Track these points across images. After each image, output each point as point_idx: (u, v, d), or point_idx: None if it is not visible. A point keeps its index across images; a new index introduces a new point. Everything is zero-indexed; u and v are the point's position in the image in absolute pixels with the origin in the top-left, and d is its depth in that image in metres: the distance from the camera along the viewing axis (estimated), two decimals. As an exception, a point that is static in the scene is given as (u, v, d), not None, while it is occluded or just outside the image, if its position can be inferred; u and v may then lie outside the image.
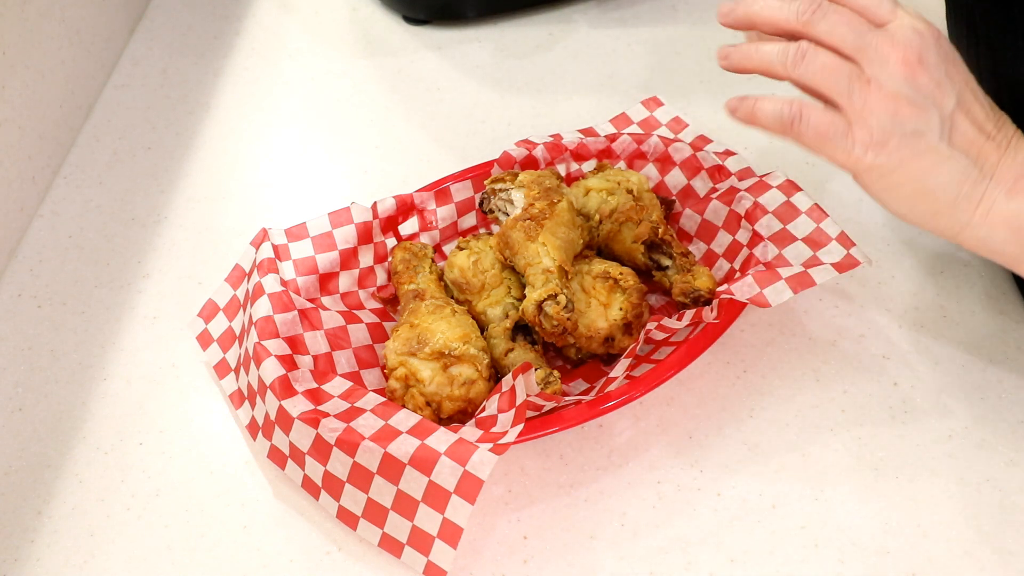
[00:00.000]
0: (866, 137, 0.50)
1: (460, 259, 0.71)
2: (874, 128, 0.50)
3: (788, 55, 0.50)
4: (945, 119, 0.50)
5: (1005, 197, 0.51)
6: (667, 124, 0.84)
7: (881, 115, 0.49)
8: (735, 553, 0.59)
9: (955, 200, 0.51)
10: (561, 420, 0.61)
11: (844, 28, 0.49)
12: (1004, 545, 0.59)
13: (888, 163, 0.50)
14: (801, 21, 0.49)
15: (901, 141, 0.50)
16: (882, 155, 0.50)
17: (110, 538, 0.62)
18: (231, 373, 0.68)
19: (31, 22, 0.83)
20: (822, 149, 0.52)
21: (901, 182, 0.51)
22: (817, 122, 0.51)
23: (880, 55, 0.49)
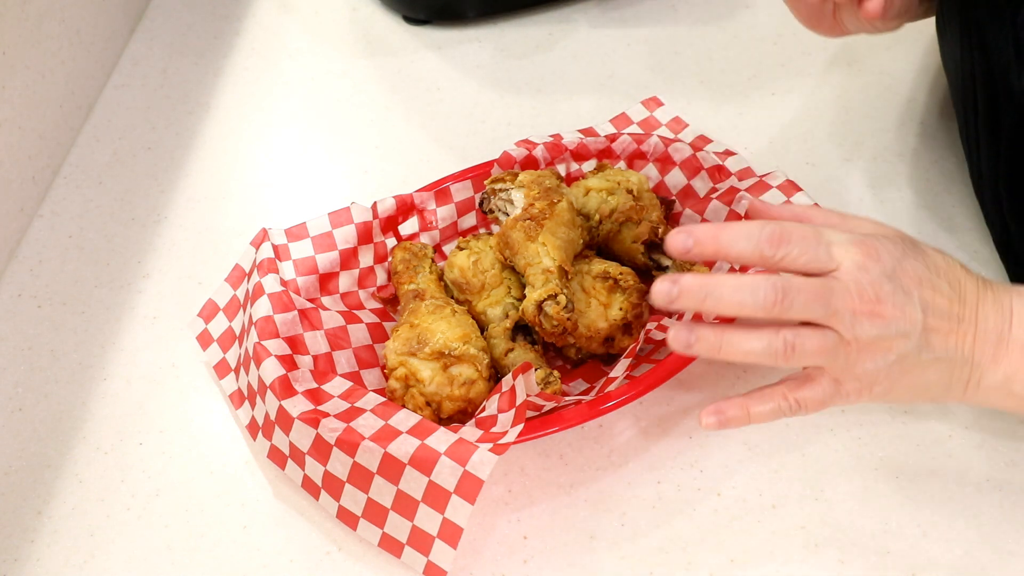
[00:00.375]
0: (856, 386, 0.54)
1: (460, 259, 0.71)
2: (861, 375, 0.54)
3: (777, 353, 0.53)
4: (920, 334, 0.53)
5: (990, 369, 0.55)
6: (667, 124, 0.84)
7: (865, 363, 0.53)
8: (735, 553, 0.59)
9: (949, 385, 0.55)
10: (561, 420, 0.61)
11: (812, 306, 0.52)
12: (1004, 545, 0.59)
13: (882, 391, 0.55)
14: (773, 314, 0.52)
15: (888, 372, 0.54)
16: (875, 390, 0.55)
17: (110, 538, 0.62)
18: (231, 373, 0.68)
19: (31, 22, 0.83)
20: (822, 410, 0.56)
21: (898, 394, 0.56)
22: (813, 399, 0.55)
23: (848, 314, 0.52)
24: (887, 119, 0.86)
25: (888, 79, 0.89)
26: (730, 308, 0.52)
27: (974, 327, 0.55)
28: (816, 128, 0.86)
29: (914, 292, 0.53)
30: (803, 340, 0.53)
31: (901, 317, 0.53)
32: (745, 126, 0.87)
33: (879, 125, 0.86)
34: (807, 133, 0.86)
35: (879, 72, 0.90)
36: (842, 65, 0.92)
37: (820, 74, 0.91)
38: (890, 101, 0.87)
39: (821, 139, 0.85)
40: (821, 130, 0.86)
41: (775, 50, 0.95)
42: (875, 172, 0.81)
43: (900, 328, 0.53)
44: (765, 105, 0.89)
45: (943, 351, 0.54)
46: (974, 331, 0.54)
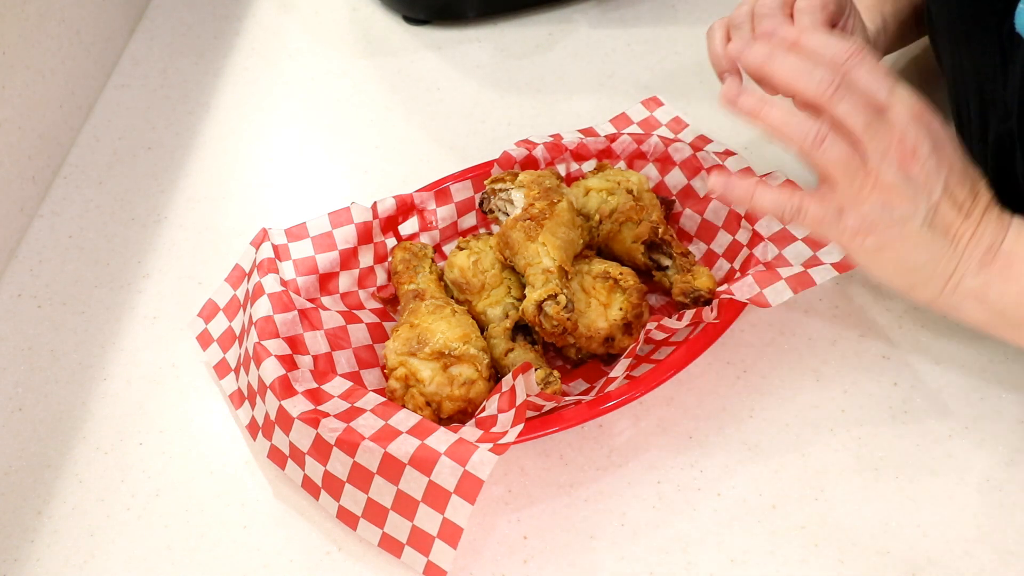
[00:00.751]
0: (856, 223, 0.55)
1: (460, 259, 0.71)
2: (864, 215, 0.55)
3: (808, 136, 0.55)
4: (931, 207, 0.55)
5: (974, 271, 0.56)
6: (667, 124, 0.84)
7: (873, 204, 0.54)
8: (735, 553, 0.59)
9: (931, 275, 0.56)
10: (561, 420, 0.61)
11: (858, 114, 0.54)
12: (1004, 545, 0.59)
13: (874, 245, 0.56)
14: (822, 98, 0.54)
15: (888, 227, 0.55)
16: (868, 239, 0.55)
17: (110, 538, 0.62)
18: (231, 373, 0.68)
19: (31, 22, 0.83)
20: (816, 231, 0.57)
21: (884, 260, 0.57)
22: (814, 213, 0.56)
23: (882, 145, 0.54)
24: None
25: (888, 79, 0.89)
26: (786, 74, 0.55)
27: (974, 228, 0.56)
28: (816, 128, 0.86)
29: (944, 171, 0.55)
30: (834, 140, 0.54)
31: (923, 181, 0.54)
32: (745, 126, 0.87)
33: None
34: (807, 133, 0.86)
35: (879, 72, 0.90)
36: (842, 65, 0.92)
37: (820, 74, 0.91)
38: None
39: (821, 139, 0.85)
40: (821, 130, 0.86)
41: (775, 50, 0.95)
42: (875, 172, 0.81)
43: (917, 189, 0.54)
44: (765, 105, 0.89)
45: (942, 235, 0.55)
46: (972, 232, 0.56)
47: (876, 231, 0.55)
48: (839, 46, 0.55)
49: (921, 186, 0.54)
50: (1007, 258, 0.56)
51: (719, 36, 0.69)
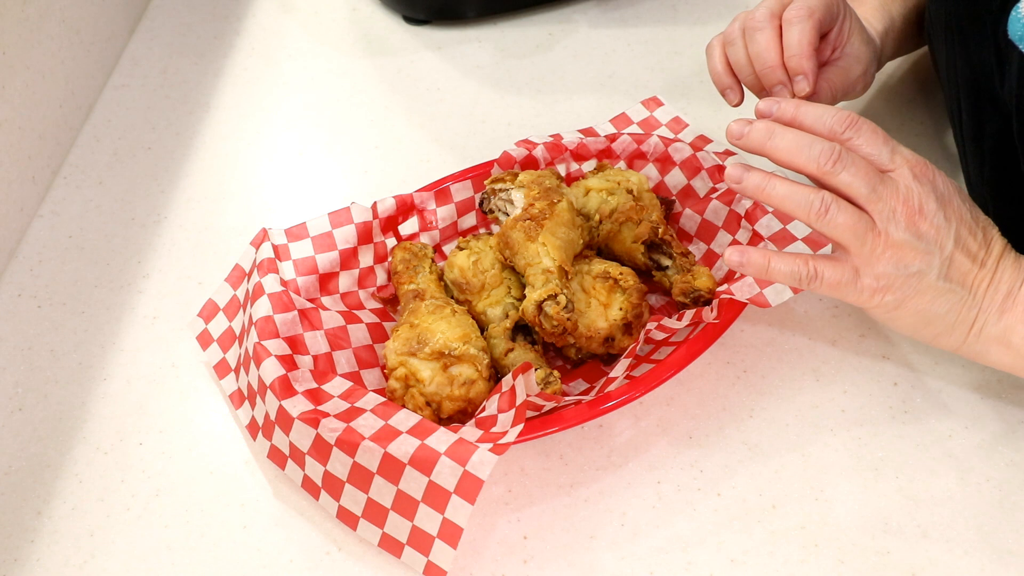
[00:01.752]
0: (872, 283, 0.56)
1: (460, 259, 0.71)
2: (880, 274, 0.56)
3: (812, 208, 0.56)
4: (944, 260, 0.56)
5: (995, 318, 0.57)
6: (667, 124, 0.84)
7: (887, 263, 0.56)
8: (735, 553, 0.59)
9: (953, 325, 0.58)
10: (561, 420, 0.61)
11: (860, 181, 0.55)
12: (1004, 545, 0.59)
13: (892, 302, 0.57)
14: (822, 171, 0.56)
15: (904, 283, 0.56)
16: (887, 296, 0.57)
17: (110, 538, 0.62)
18: (231, 373, 0.68)
19: (31, 22, 0.83)
20: (834, 294, 0.58)
21: (905, 315, 0.58)
22: (830, 277, 0.57)
23: (888, 207, 0.55)
24: (886, 119, 0.86)
25: (888, 79, 0.89)
26: (785, 153, 0.56)
27: (991, 276, 0.57)
28: (816, 128, 0.86)
29: (953, 223, 0.56)
30: (839, 207, 0.55)
31: (934, 236, 0.55)
32: (745, 126, 0.87)
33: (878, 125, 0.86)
34: (807, 133, 0.86)
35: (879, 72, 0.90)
36: (842, 65, 0.92)
37: (820, 74, 0.91)
38: (890, 101, 0.87)
39: (821, 139, 0.85)
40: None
41: (775, 50, 0.95)
42: (875, 172, 0.81)
43: (929, 245, 0.55)
44: (765, 105, 0.89)
45: (959, 285, 0.57)
46: (990, 279, 0.57)
47: (893, 288, 0.56)
48: (836, 117, 0.57)
49: (932, 240, 0.56)
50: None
51: (717, 54, 0.71)
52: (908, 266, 0.56)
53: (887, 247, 0.55)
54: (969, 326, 0.58)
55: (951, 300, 0.57)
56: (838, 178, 0.55)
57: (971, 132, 0.69)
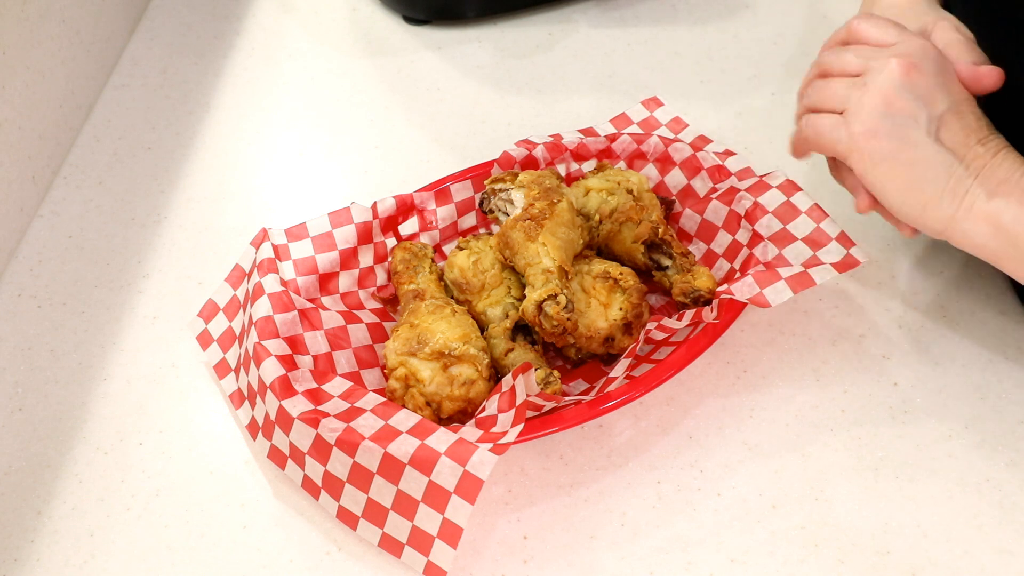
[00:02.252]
0: (858, 127, 0.58)
1: (460, 259, 0.71)
2: (866, 119, 0.57)
3: (804, 91, 0.61)
4: (934, 118, 0.57)
5: (986, 196, 0.56)
6: (667, 124, 0.84)
7: (873, 109, 0.57)
8: (735, 553, 0.59)
9: (941, 193, 0.57)
10: (561, 420, 0.61)
11: (851, 56, 0.59)
12: (1004, 545, 0.59)
13: (879, 150, 0.57)
14: (824, 66, 0.60)
15: (891, 130, 0.57)
16: (872, 141, 0.57)
17: (110, 538, 0.62)
18: (231, 373, 0.68)
19: (31, 22, 0.83)
20: (822, 143, 0.60)
21: (892, 171, 0.58)
22: (818, 121, 0.60)
23: (881, 64, 0.57)
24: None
25: (888, 79, 0.89)
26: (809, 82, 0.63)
27: (989, 155, 0.57)
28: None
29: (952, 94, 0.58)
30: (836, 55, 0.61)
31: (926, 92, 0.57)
32: (745, 126, 0.87)
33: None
34: (807, 133, 0.86)
35: (879, 72, 0.90)
36: (842, 65, 0.92)
37: (820, 74, 0.91)
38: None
39: (821, 139, 0.85)
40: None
41: (775, 50, 0.95)
42: (875, 172, 0.81)
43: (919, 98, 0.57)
44: (765, 105, 0.89)
45: (950, 147, 0.57)
46: (988, 159, 0.57)
47: (879, 134, 0.57)
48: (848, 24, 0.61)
49: (924, 96, 0.56)
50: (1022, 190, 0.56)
51: None
52: (895, 115, 0.56)
53: (874, 94, 0.57)
54: (960, 199, 0.57)
55: (941, 163, 0.57)
56: (832, 67, 0.59)
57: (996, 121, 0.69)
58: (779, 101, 0.89)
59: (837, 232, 0.67)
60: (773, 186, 0.71)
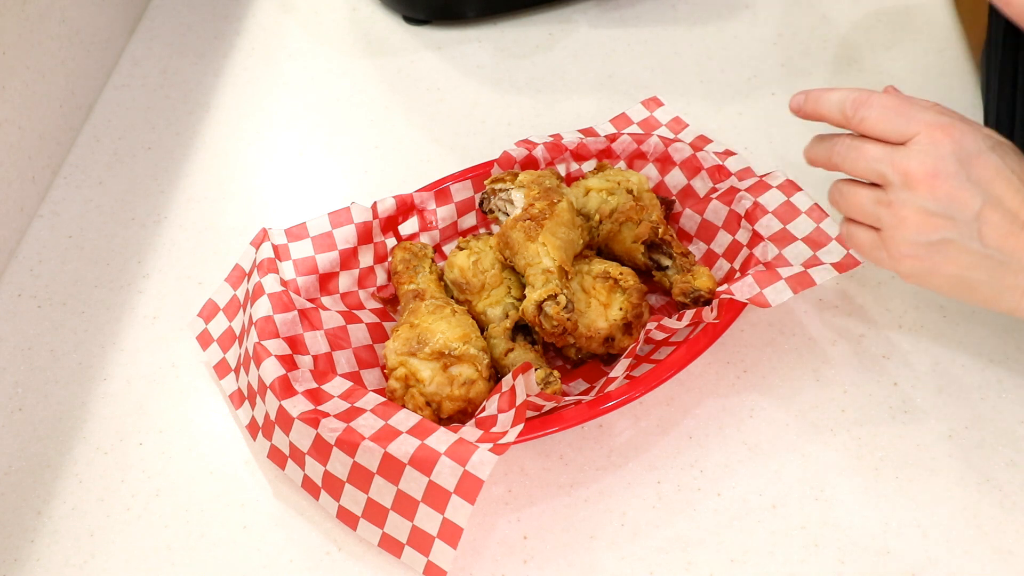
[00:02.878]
0: (895, 252, 0.56)
1: (460, 259, 0.71)
2: (900, 243, 0.55)
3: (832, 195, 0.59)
4: (971, 221, 0.54)
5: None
6: (667, 124, 0.84)
7: (905, 231, 0.55)
8: (735, 553, 0.59)
9: (1000, 292, 0.55)
10: (561, 420, 0.61)
11: (863, 163, 0.56)
12: (1004, 545, 0.59)
13: (922, 269, 0.56)
14: (836, 160, 0.58)
15: (929, 250, 0.55)
16: (915, 265, 0.56)
17: (110, 538, 0.62)
18: (231, 373, 0.68)
19: (31, 22, 0.83)
20: (867, 258, 0.59)
21: (941, 282, 0.56)
22: (859, 240, 0.58)
23: (899, 177, 0.54)
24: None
25: (888, 79, 0.89)
26: (820, 99, 0.59)
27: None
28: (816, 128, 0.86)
29: (982, 183, 0.54)
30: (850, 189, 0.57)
31: (954, 198, 0.53)
32: (745, 126, 0.87)
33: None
34: (807, 133, 0.86)
35: (879, 72, 0.90)
36: (842, 65, 0.92)
37: (820, 74, 0.91)
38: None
39: (821, 139, 0.85)
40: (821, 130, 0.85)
41: (775, 50, 0.95)
42: (875, 172, 0.81)
43: (948, 207, 0.53)
44: (765, 105, 0.89)
45: (995, 248, 0.54)
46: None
47: (919, 257, 0.55)
48: (846, 99, 0.57)
49: (951, 204, 0.53)
50: None
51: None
52: (929, 234, 0.54)
53: (902, 216, 0.54)
54: (1020, 291, 0.54)
55: (989, 266, 0.54)
56: (843, 167, 0.57)
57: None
58: (779, 101, 0.89)
59: (837, 232, 0.67)
60: (773, 186, 0.71)
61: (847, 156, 0.57)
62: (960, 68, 0.90)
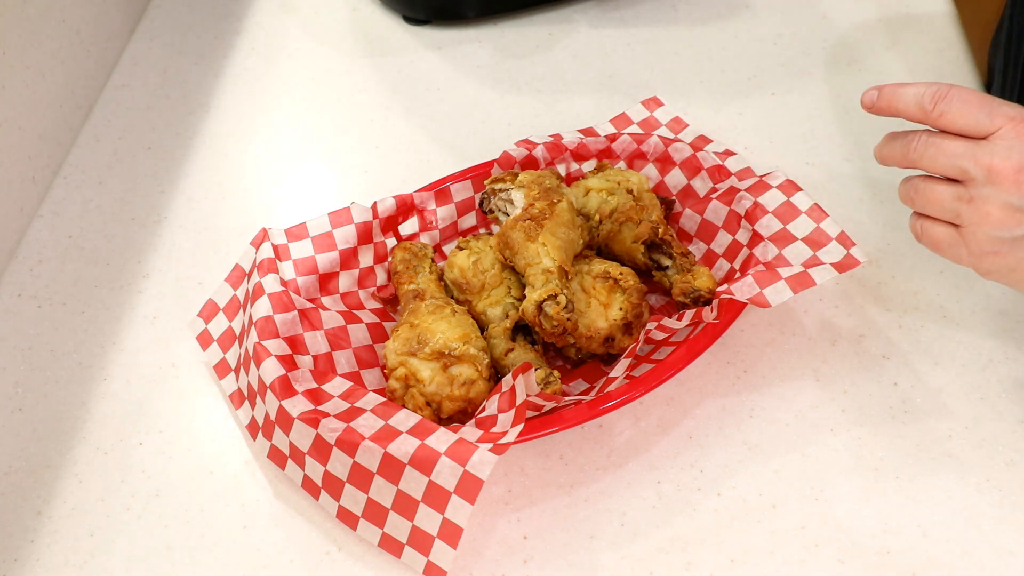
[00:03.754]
0: (976, 249, 0.55)
1: (460, 259, 0.71)
2: (982, 240, 0.55)
3: (906, 191, 0.58)
4: None
5: None
6: (667, 124, 0.84)
7: (988, 227, 0.54)
8: (735, 553, 0.59)
9: None
10: (561, 420, 0.61)
11: (943, 159, 0.55)
12: (1004, 545, 0.59)
13: (1004, 266, 0.55)
14: (913, 157, 0.56)
15: (1012, 246, 0.54)
16: (997, 261, 0.55)
17: (110, 538, 0.62)
18: (231, 373, 0.68)
19: (31, 22, 0.83)
20: (943, 255, 0.58)
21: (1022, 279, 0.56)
22: (935, 236, 0.57)
23: (982, 172, 0.54)
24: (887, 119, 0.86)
25: (888, 79, 0.89)
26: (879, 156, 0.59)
27: None
28: (816, 128, 0.86)
29: None
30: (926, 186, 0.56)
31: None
32: (745, 126, 0.87)
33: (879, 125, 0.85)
34: (807, 133, 0.86)
35: (879, 72, 0.90)
36: (842, 65, 0.92)
37: (820, 74, 0.91)
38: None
39: (821, 139, 0.85)
40: (821, 130, 0.86)
41: (775, 50, 0.95)
42: (875, 172, 0.81)
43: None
44: (765, 105, 0.89)
45: None
46: None
47: (1002, 253, 0.55)
48: (925, 93, 0.55)
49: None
50: None
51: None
52: (1015, 230, 0.53)
53: (984, 212, 0.54)
54: None
55: None
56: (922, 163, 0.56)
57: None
58: (779, 101, 0.89)
59: (837, 232, 0.67)
60: (773, 186, 0.71)
61: (925, 153, 0.56)
62: (960, 68, 0.90)
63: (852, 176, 0.81)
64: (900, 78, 0.89)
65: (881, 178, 0.81)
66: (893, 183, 0.80)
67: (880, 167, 0.81)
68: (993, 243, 0.55)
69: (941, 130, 0.56)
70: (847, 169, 0.82)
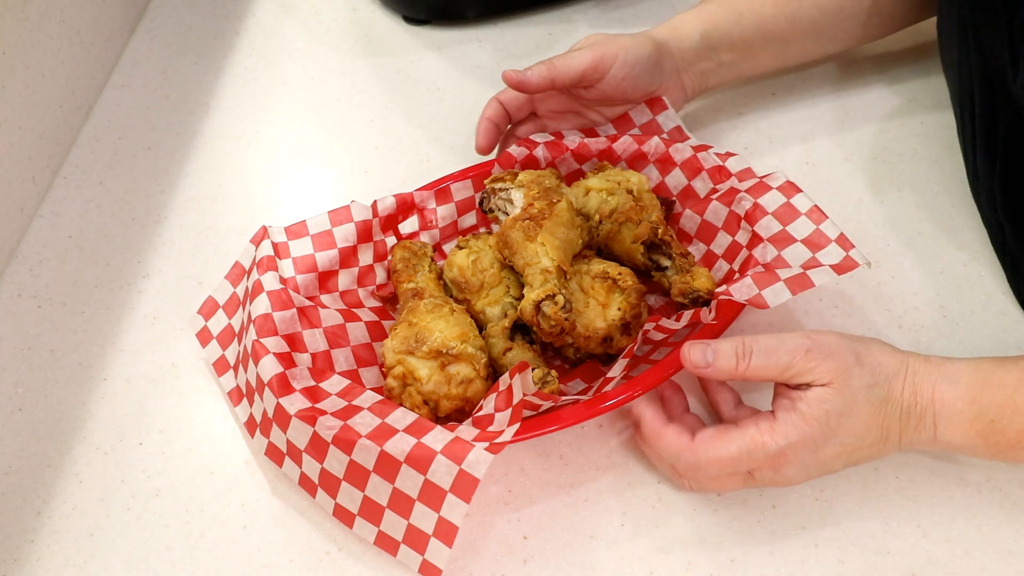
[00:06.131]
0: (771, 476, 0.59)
1: (459, 258, 0.71)
2: (777, 480, 0.58)
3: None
4: (827, 461, 0.58)
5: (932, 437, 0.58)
6: (668, 132, 0.83)
7: (785, 471, 0.58)
8: (735, 553, 0.59)
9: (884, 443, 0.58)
10: (559, 420, 0.61)
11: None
12: (1004, 545, 0.59)
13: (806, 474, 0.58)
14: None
15: (808, 470, 0.58)
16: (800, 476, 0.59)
17: (110, 538, 0.62)
18: (230, 370, 0.68)
19: (31, 22, 0.83)
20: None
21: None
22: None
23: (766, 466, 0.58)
24: (887, 119, 0.86)
25: (888, 79, 0.89)
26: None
27: (900, 434, 0.58)
28: (816, 128, 0.86)
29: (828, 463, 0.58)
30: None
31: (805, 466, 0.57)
32: (745, 126, 0.87)
33: (879, 125, 0.86)
34: (807, 133, 0.86)
35: (879, 72, 0.90)
36: (842, 65, 0.92)
37: (820, 74, 0.91)
38: (890, 101, 0.87)
39: (821, 139, 0.85)
40: (821, 130, 0.86)
41: (775, 50, 0.94)
42: (875, 172, 0.81)
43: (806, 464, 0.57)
44: (765, 105, 0.89)
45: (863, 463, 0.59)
46: (900, 438, 0.58)
47: (797, 477, 0.58)
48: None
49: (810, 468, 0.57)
50: (946, 444, 0.58)
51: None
52: (807, 467, 0.57)
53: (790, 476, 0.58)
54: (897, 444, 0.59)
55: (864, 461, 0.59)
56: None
57: (983, 130, 0.68)
58: (779, 101, 0.89)
59: (837, 234, 0.67)
60: (773, 187, 0.70)
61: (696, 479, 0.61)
62: (960, 68, 0.89)
63: (852, 177, 0.81)
64: (900, 78, 0.89)
65: (881, 178, 0.81)
66: (893, 184, 0.80)
67: (880, 167, 0.82)
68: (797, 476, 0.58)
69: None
70: (847, 169, 0.82)
